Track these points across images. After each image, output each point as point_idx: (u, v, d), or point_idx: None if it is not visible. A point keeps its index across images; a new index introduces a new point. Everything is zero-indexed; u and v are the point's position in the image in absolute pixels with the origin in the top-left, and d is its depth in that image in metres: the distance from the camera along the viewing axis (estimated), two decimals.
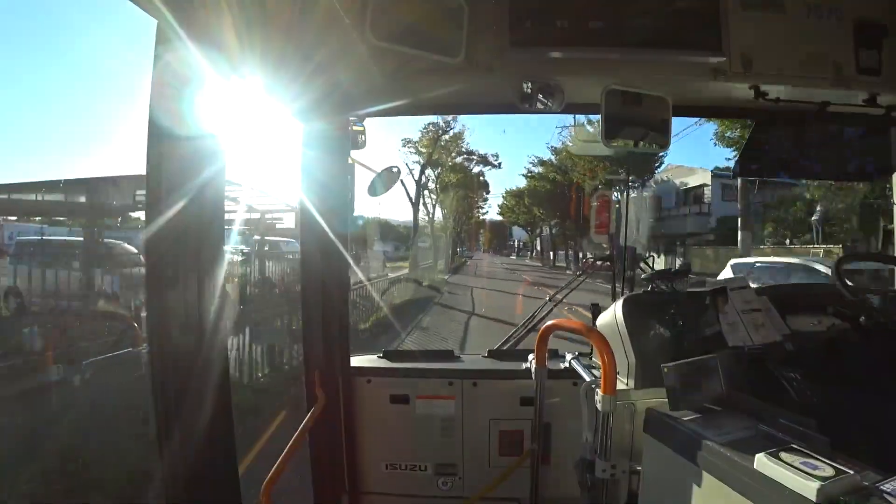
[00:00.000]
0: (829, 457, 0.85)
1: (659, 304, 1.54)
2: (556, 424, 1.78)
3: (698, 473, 1.00)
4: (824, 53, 1.47)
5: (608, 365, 1.24)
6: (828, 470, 0.81)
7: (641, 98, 1.54)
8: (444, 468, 1.87)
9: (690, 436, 1.04)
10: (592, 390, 1.35)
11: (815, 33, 1.46)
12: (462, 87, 1.64)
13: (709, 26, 1.45)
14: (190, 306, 0.95)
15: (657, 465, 1.18)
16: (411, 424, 1.86)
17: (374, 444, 1.89)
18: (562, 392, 1.75)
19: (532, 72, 1.51)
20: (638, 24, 1.46)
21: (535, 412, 1.70)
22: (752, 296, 1.47)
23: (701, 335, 1.43)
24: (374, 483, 1.90)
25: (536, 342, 1.65)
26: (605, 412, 1.26)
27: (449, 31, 1.40)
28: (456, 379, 1.85)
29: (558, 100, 1.54)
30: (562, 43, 1.46)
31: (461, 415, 1.85)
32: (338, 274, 1.83)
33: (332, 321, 1.83)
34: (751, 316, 1.43)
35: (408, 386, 1.86)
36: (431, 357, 2.04)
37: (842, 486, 0.78)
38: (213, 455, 1.00)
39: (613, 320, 1.53)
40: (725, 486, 0.93)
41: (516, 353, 2.03)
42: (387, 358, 1.99)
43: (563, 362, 1.79)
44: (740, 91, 1.53)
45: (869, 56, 1.46)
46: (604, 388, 1.24)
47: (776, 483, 0.83)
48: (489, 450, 1.85)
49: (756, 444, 0.93)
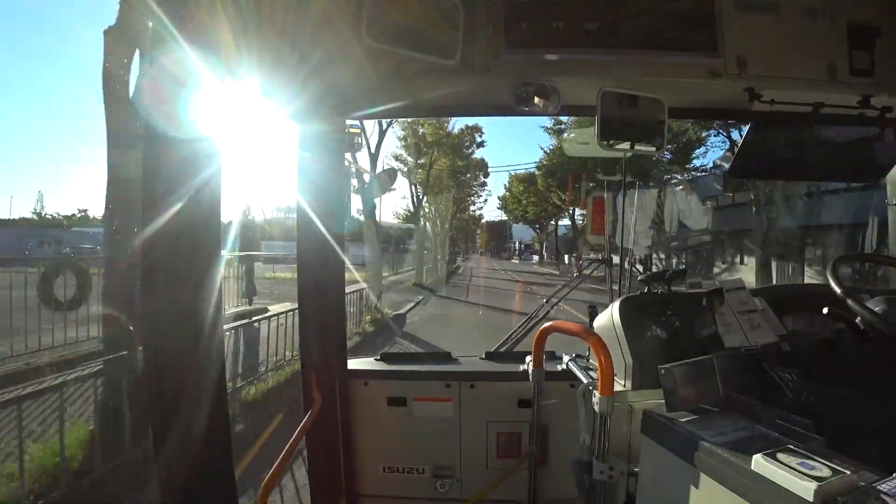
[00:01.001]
0: (825, 457, 0.85)
1: (656, 306, 1.54)
2: (554, 426, 1.78)
3: (695, 474, 1.00)
4: (818, 55, 1.47)
5: (605, 366, 1.24)
6: (824, 470, 0.81)
7: (637, 100, 1.55)
8: (442, 470, 1.86)
9: (687, 437, 1.04)
10: (590, 392, 1.35)
11: (809, 35, 1.47)
12: (458, 88, 1.64)
13: (704, 28, 1.45)
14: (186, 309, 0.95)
15: (654, 466, 1.18)
16: (409, 427, 1.85)
17: (372, 447, 1.88)
18: (559, 394, 1.75)
19: (527, 73, 1.52)
20: (633, 25, 1.46)
21: (533, 414, 1.70)
22: (748, 297, 1.48)
23: (697, 336, 1.43)
24: (372, 486, 1.89)
25: (534, 344, 1.65)
26: (603, 414, 1.26)
27: (445, 33, 1.40)
28: (453, 381, 1.85)
29: (554, 101, 1.54)
30: (557, 45, 1.46)
31: (458, 417, 1.84)
32: (334, 276, 1.83)
33: (329, 323, 1.82)
34: (747, 317, 1.43)
35: (405, 388, 1.86)
36: (428, 359, 2.03)
37: (839, 486, 0.78)
38: (209, 458, 0.99)
39: (610, 322, 1.53)
40: (722, 487, 0.93)
41: (513, 354, 2.03)
42: (384, 360, 1.99)
43: (560, 364, 1.79)
44: (735, 93, 1.54)
45: (862, 58, 1.47)
46: (601, 389, 1.24)
47: (773, 484, 0.83)
48: (487, 452, 1.85)
49: (753, 445, 0.94)
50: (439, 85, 1.60)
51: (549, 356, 1.81)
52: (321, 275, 1.78)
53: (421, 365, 1.97)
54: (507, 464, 1.80)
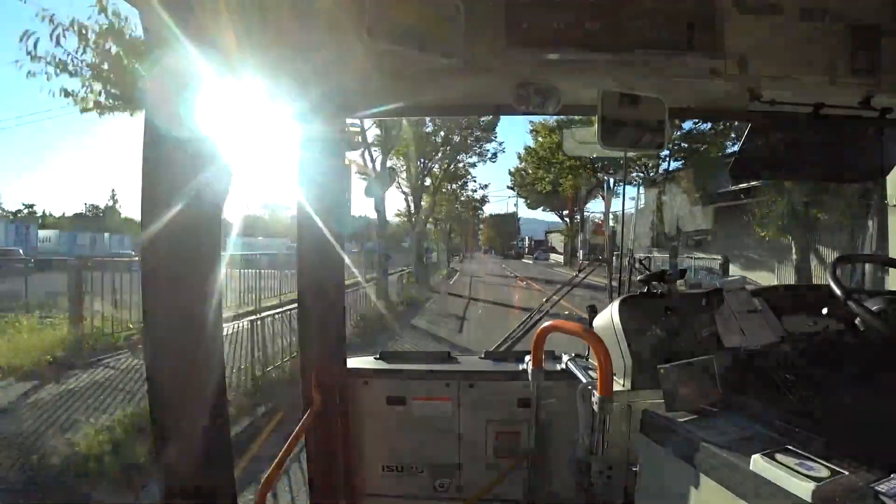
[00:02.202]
0: (824, 458, 0.85)
1: (655, 306, 1.54)
2: (553, 426, 1.78)
3: (694, 474, 1.00)
4: (819, 55, 1.47)
5: (604, 366, 1.24)
6: (823, 471, 0.81)
7: (637, 100, 1.55)
8: (442, 470, 1.87)
9: (686, 437, 1.04)
10: (589, 391, 1.35)
11: (809, 35, 1.47)
12: (459, 88, 1.64)
13: (704, 28, 1.45)
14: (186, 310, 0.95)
15: (653, 466, 1.18)
16: (408, 426, 1.85)
17: (371, 446, 1.88)
18: (558, 393, 1.75)
19: (528, 73, 1.52)
20: (634, 25, 1.46)
21: (532, 413, 1.70)
22: (748, 297, 1.48)
23: (697, 336, 1.44)
24: (371, 485, 1.89)
25: (533, 343, 1.65)
26: (602, 413, 1.26)
27: (446, 32, 1.40)
28: (452, 380, 1.85)
29: (554, 101, 1.54)
30: (558, 44, 1.46)
31: (458, 416, 1.85)
32: (334, 275, 1.83)
33: (329, 322, 1.82)
34: (746, 317, 1.43)
35: (404, 387, 1.86)
36: (428, 358, 2.03)
37: (837, 486, 0.79)
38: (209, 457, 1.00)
39: (610, 322, 1.53)
40: (721, 486, 0.94)
41: (513, 354, 2.03)
42: (383, 359, 1.99)
43: (559, 364, 1.79)
44: (736, 92, 1.54)
45: (863, 58, 1.47)
46: (600, 389, 1.24)
47: (772, 484, 0.83)
48: (486, 451, 1.85)
49: (752, 445, 0.94)
50: (440, 84, 1.60)
51: (549, 356, 1.81)
52: (321, 274, 1.78)
53: (420, 364, 1.97)
54: (507, 463, 1.80)
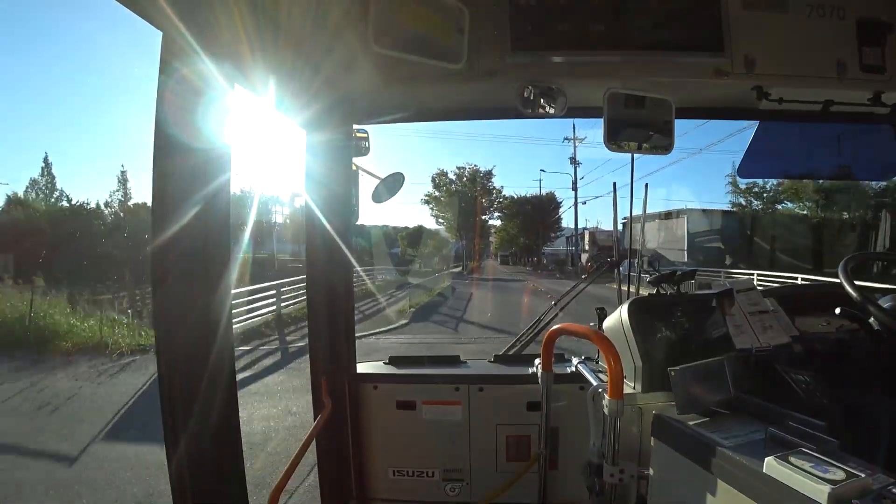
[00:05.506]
0: (839, 460, 0.84)
1: (665, 307, 1.53)
2: (564, 429, 1.77)
3: (707, 477, 0.99)
4: (827, 52, 1.46)
5: (615, 369, 1.23)
6: (838, 473, 0.80)
7: (644, 100, 1.54)
8: (452, 474, 1.86)
9: (699, 439, 1.04)
10: (599, 394, 1.34)
11: (817, 32, 1.45)
12: (464, 92, 1.65)
13: (710, 27, 1.45)
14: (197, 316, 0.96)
15: (665, 469, 1.17)
16: (418, 430, 1.85)
17: (381, 451, 1.89)
18: (568, 396, 1.74)
19: (533, 76, 1.52)
20: (639, 26, 1.46)
21: (542, 417, 1.70)
22: (759, 297, 1.46)
23: (708, 338, 1.42)
24: (382, 489, 1.89)
25: (542, 346, 1.65)
26: (613, 416, 1.25)
27: (450, 38, 1.41)
28: (462, 384, 1.85)
29: (560, 104, 1.54)
30: (563, 47, 1.46)
31: (468, 420, 1.84)
32: (343, 280, 1.84)
33: (338, 328, 1.84)
34: (758, 318, 1.42)
35: (414, 392, 1.86)
36: (437, 363, 2.03)
37: (853, 489, 0.77)
38: (220, 460, 1.01)
39: (619, 324, 1.53)
40: (735, 490, 0.93)
41: (522, 357, 2.02)
42: (393, 364, 2.00)
43: (569, 366, 1.78)
44: (743, 91, 1.53)
45: (873, 54, 1.45)
46: (610, 392, 1.24)
47: (786, 487, 0.82)
48: (496, 455, 1.84)
49: (765, 448, 0.93)
50: (446, 89, 1.60)
51: (558, 359, 1.81)
52: (330, 279, 1.80)
53: (430, 368, 1.97)
54: (517, 467, 1.80)
